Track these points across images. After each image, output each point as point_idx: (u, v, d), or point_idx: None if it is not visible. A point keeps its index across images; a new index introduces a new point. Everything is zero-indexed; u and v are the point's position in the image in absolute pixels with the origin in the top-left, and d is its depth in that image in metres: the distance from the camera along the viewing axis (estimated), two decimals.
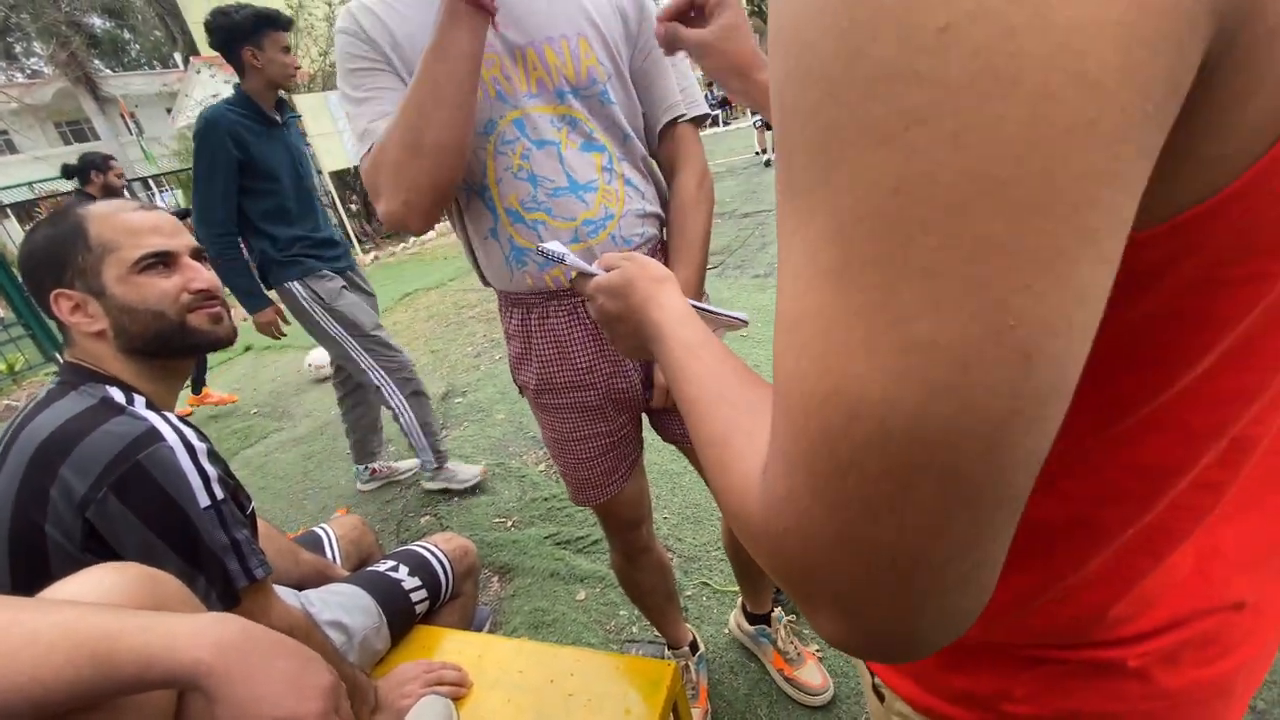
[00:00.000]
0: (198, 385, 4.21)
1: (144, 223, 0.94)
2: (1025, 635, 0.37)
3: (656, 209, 1.05)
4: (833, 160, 0.20)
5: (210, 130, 2.16)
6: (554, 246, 0.65)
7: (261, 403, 4.27)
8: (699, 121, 1.07)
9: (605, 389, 1.06)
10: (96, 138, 20.67)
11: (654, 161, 1.06)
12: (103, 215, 0.93)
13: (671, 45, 0.69)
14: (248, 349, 5.70)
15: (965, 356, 0.19)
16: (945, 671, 0.41)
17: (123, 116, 19.93)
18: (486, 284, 1.06)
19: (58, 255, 0.91)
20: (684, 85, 1.04)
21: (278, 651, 0.57)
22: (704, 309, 0.59)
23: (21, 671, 0.51)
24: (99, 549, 0.80)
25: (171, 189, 11.45)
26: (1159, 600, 0.35)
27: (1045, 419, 0.20)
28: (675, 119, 1.04)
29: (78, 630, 0.53)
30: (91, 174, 3.63)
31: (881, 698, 0.50)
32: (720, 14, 0.66)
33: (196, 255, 1.00)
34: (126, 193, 8.68)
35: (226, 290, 1.77)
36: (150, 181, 10.22)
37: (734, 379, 0.37)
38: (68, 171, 3.76)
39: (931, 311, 0.19)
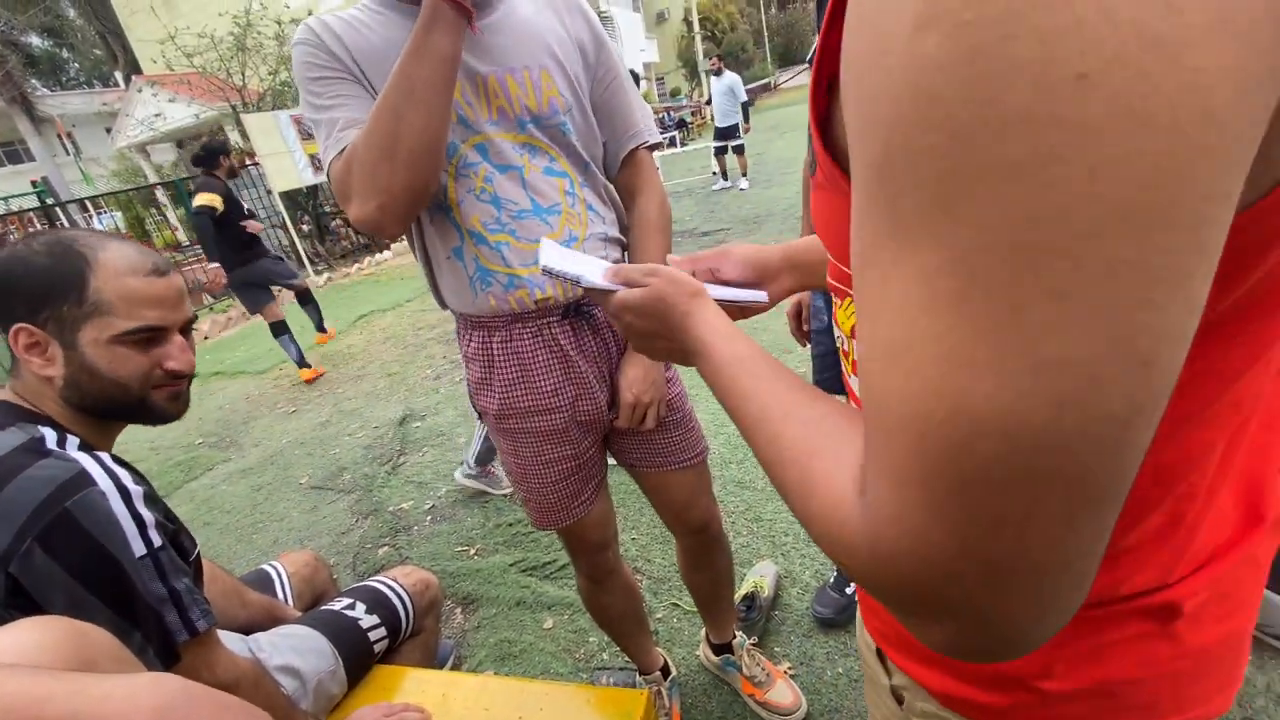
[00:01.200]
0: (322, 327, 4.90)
1: (149, 294, 0.87)
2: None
3: (618, 234, 1.05)
4: (957, 195, 0.21)
5: None
6: (555, 264, 0.60)
7: (207, 432, 4.09)
8: (653, 148, 1.09)
9: (571, 412, 1.04)
10: (31, 159, 19.73)
11: (613, 189, 1.07)
12: (112, 271, 0.84)
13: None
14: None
15: (1094, 370, 0.20)
16: None
17: (59, 136, 19.10)
18: (444, 306, 1.04)
19: (43, 292, 0.82)
20: (643, 113, 1.06)
21: (222, 715, 0.53)
22: (723, 298, 0.58)
23: None
24: (24, 605, 0.73)
25: (110, 211, 10.99)
26: (1193, 546, 0.37)
27: (1158, 416, 0.22)
28: (638, 146, 1.05)
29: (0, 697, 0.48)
30: (220, 159, 4.16)
31: (900, 700, 0.50)
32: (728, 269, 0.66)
33: (188, 326, 0.93)
34: (61, 214, 8.29)
35: None
36: (88, 203, 9.76)
37: (799, 394, 0.38)
38: (197, 160, 4.23)
39: (1061, 331, 0.20)
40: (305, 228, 9.36)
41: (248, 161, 8.91)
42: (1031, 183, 0.19)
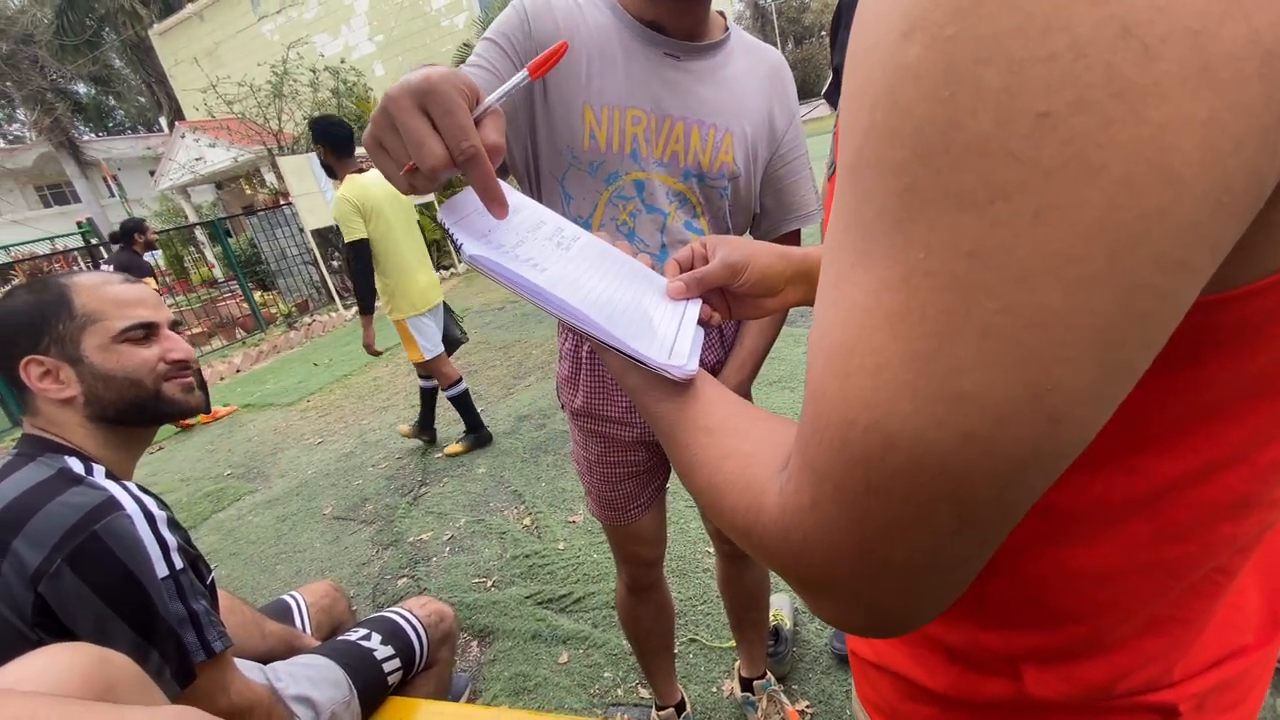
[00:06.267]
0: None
1: (130, 295, 0.96)
2: (1072, 688, 0.36)
3: None
4: (911, 214, 0.21)
5: None
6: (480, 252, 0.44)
7: (235, 464, 4.17)
8: None
9: (642, 431, 1.08)
10: (77, 200, 20.68)
11: None
12: (89, 286, 0.93)
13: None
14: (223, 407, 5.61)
15: (1002, 413, 0.20)
16: None
17: (105, 179, 20.03)
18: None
19: (37, 322, 0.90)
20: (814, 194, 1.06)
21: None
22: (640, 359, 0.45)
23: None
24: (50, 625, 0.76)
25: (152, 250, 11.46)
26: (1205, 640, 0.35)
27: (1057, 469, 0.23)
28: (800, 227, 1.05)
29: None
30: (135, 235, 4.84)
31: None
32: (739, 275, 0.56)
33: (173, 327, 1.01)
34: (105, 253, 8.66)
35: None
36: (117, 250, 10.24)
37: (699, 405, 0.39)
38: (114, 237, 4.91)
39: (980, 369, 0.20)
40: (335, 264, 9.62)
41: (281, 201, 9.24)
42: (978, 216, 0.19)
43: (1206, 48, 0.17)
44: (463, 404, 3.29)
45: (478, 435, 3.38)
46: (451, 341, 3.48)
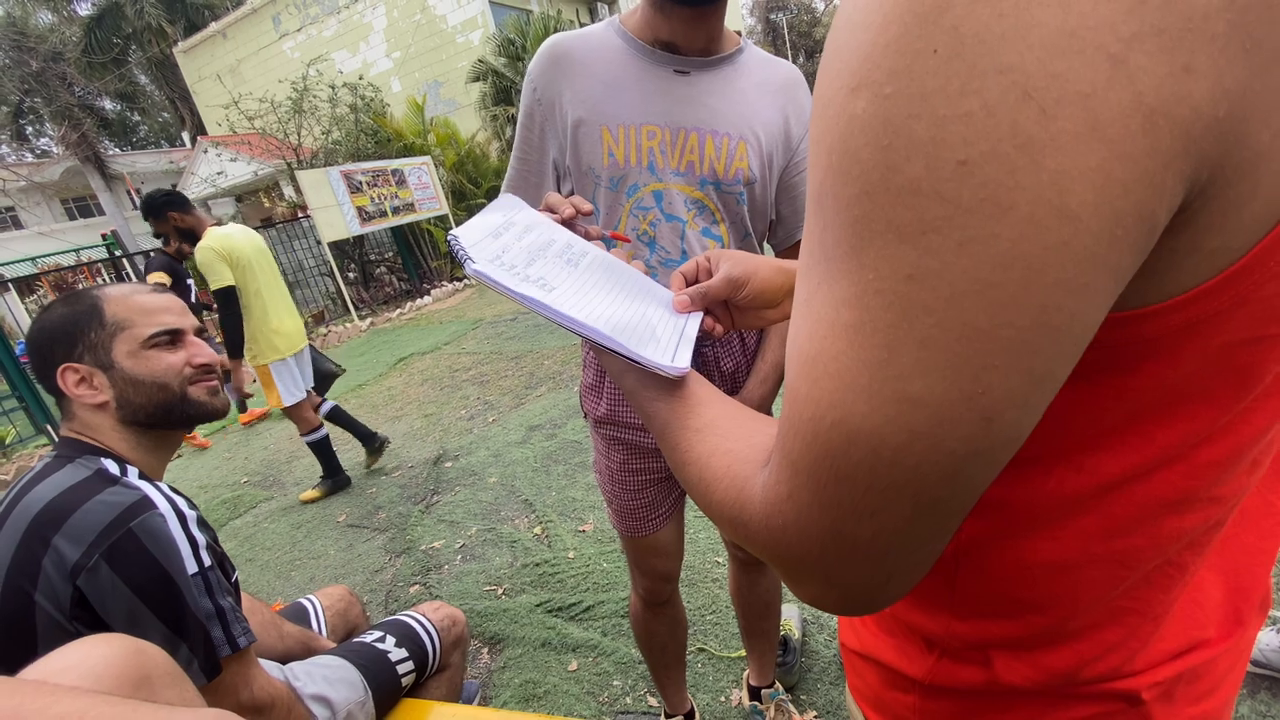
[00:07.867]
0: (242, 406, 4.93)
1: (156, 304, 1.02)
2: (1039, 674, 0.38)
3: None
4: (862, 242, 0.24)
5: None
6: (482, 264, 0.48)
7: (252, 472, 4.23)
8: None
9: None
10: (102, 213, 21.12)
11: None
12: (118, 297, 0.99)
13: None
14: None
15: (941, 413, 0.24)
16: None
17: (129, 192, 20.45)
18: None
19: (71, 332, 0.96)
20: None
21: None
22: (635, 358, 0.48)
23: None
24: (87, 618, 0.80)
25: None
26: (1164, 631, 0.37)
27: (996, 462, 0.26)
28: None
29: None
30: (170, 215, 3.85)
31: None
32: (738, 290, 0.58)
33: (198, 333, 1.06)
34: (128, 264, 8.84)
35: None
36: (153, 254, 10.45)
37: (688, 404, 0.43)
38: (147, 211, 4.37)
39: (921, 375, 0.24)
40: (351, 275, 9.76)
41: (300, 214, 9.42)
42: (914, 246, 0.23)
43: (1095, 108, 0.20)
44: (322, 450, 3.39)
45: (335, 480, 3.46)
46: (327, 375, 3.61)
